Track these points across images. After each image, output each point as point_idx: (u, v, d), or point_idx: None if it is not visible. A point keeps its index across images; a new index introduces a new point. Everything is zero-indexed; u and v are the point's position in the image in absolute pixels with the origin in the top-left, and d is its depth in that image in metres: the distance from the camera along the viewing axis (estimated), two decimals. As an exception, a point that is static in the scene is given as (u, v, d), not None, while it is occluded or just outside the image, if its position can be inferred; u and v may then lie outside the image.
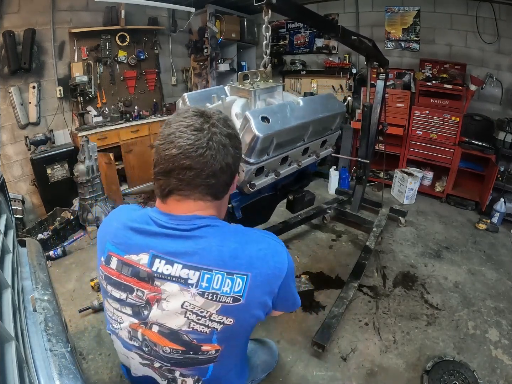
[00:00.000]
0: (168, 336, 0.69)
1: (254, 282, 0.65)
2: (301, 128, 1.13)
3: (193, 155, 0.61)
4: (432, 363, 1.60)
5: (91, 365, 1.65)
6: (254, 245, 0.69)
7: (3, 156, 2.91)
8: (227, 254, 0.65)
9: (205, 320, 0.65)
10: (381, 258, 2.53)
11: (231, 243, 0.66)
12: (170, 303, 0.66)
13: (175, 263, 0.64)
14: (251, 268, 0.65)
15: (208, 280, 0.63)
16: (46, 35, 3.03)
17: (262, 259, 0.67)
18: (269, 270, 0.67)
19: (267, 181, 1.15)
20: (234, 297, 0.64)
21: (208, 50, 4.17)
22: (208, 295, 0.64)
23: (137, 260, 0.67)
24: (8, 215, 1.17)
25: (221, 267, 0.64)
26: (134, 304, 0.70)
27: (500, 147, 3.01)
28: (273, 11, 1.18)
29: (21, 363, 0.66)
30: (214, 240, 0.66)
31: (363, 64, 3.79)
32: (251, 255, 0.66)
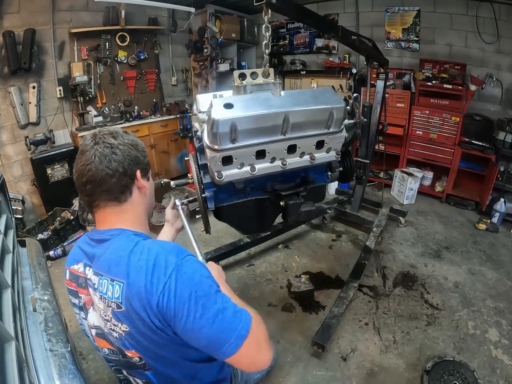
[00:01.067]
0: (103, 337, 0.78)
1: (129, 292, 0.66)
2: (272, 118, 1.04)
3: (85, 172, 0.74)
4: (432, 363, 1.60)
5: (91, 365, 1.65)
6: (138, 255, 0.69)
7: (3, 156, 2.91)
8: (113, 262, 0.71)
9: (110, 323, 0.72)
10: (381, 258, 2.53)
11: (120, 251, 0.71)
12: (95, 305, 0.76)
13: (90, 268, 0.76)
14: (127, 276, 0.67)
15: (101, 285, 0.71)
16: (46, 35, 3.03)
17: (137, 270, 0.67)
18: (141, 283, 0.65)
19: (241, 174, 1.08)
20: (116, 303, 0.68)
21: (208, 50, 4.17)
22: (103, 299, 0.71)
23: (77, 268, 0.80)
24: (8, 215, 1.17)
25: (107, 273, 0.71)
26: (83, 308, 0.82)
27: (500, 147, 3.01)
28: (273, 11, 1.17)
29: (21, 363, 0.66)
30: (108, 247, 0.74)
31: (363, 64, 3.80)
32: (130, 264, 0.68)
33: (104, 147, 0.75)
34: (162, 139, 3.90)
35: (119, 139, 0.78)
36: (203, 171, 1.16)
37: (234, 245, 2.38)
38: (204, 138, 1.03)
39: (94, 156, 0.74)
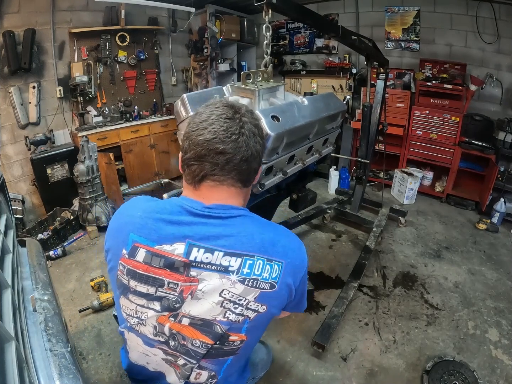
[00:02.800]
0: (199, 328, 0.68)
1: (287, 270, 0.68)
2: (308, 127, 1.15)
3: (226, 140, 0.64)
4: (432, 363, 1.60)
5: (91, 365, 1.65)
6: (286, 237, 0.73)
7: (3, 156, 2.91)
8: (268, 242, 0.68)
9: (241, 309, 0.66)
10: (381, 258, 2.53)
11: (269, 232, 0.70)
12: (206, 293, 0.65)
13: (215, 251, 0.64)
14: (285, 256, 0.68)
15: (250, 266, 0.65)
16: (46, 35, 3.02)
17: (293, 250, 0.71)
18: (297, 261, 0.71)
19: (275, 180, 1.16)
20: (271, 283, 0.67)
21: (208, 50, 4.17)
22: (249, 281, 0.65)
23: (171, 250, 0.65)
24: (8, 215, 1.17)
25: (263, 253, 0.66)
26: (164, 297, 0.68)
27: (500, 147, 3.01)
28: (273, 10, 1.18)
29: (21, 363, 0.66)
30: (254, 228, 0.69)
31: (363, 64, 3.80)
32: (285, 245, 0.70)
33: (253, 125, 0.68)
34: (162, 139, 3.90)
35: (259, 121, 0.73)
36: None
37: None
38: None
39: (243, 129, 0.65)
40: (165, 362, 0.75)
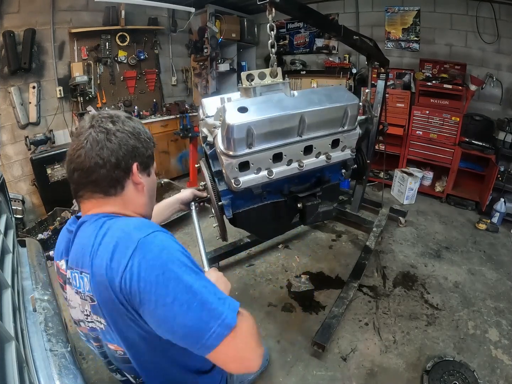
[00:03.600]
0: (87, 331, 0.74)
1: (95, 282, 0.59)
2: (288, 119, 1.02)
3: (73, 157, 0.66)
4: (432, 363, 1.60)
5: (91, 365, 1.65)
6: (100, 238, 0.61)
7: (3, 156, 2.91)
8: (80, 251, 0.64)
9: (89, 318, 0.67)
10: (381, 258, 2.53)
11: (85, 238, 0.64)
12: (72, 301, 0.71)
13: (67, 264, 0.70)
14: (91, 266, 0.59)
15: (74, 278, 0.66)
16: (46, 35, 3.02)
17: (97, 256, 0.59)
18: (101, 270, 0.57)
19: (258, 179, 1.05)
20: (90, 296, 0.62)
21: (208, 50, 4.17)
22: (78, 293, 0.66)
23: (61, 265, 0.73)
24: (8, 215, 1.17)
25: (76, 266, 0.65)
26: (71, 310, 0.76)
27: (500, 147, 3.01)
28: (276, 10, 1.17)
29: (21, 363, 0.66)
30: (78, 237, 0.67)
31: (363, 64, 3.80)
32: (92, 251, 0.60)
33: (99, 131, 0.66)
34: (162, 139, 3.90)
35: (118, 125, 0.69)
36: (218, 178, 1.12)
37: (234, 245, 2.38)
38: (218, 144, 0.99)
39: (86, 141, 0.65)
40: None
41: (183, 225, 2.94)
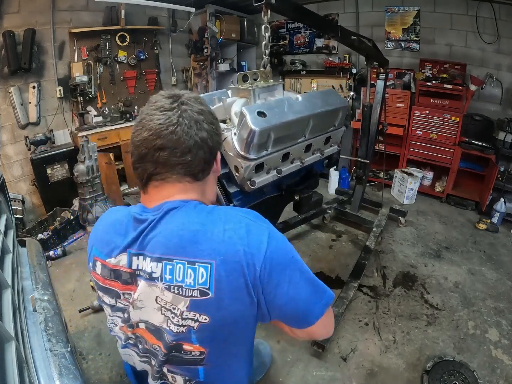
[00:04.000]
0: (153, 333, 0.65)
1: (220, 272, 0.56)
2: (300, 122, 1.11)
3: (164, 133, 0.58)
4: (432, 363, 1.60)
5: (91, 365, 1.65)
6: (220, 225, 0.58)
7: (3, 156, 2.91)
8: (187, 239, 0.57)
9: (178, 319, 0.59)
10: (381, 258, 2.53)
11: (192, 225, 0.58)
12: (143, 301, 0.63)
13: (146, 257, 0.60)
14: (215, 254, 0.56)
15: (170, 272, 0.57)
16: (46, 35, 3.02)
17: (227, 243, 0.57)
18: (236, 257, 0.56)
19: (269, 178, 1.13)
20: (201, 290, 0.56)
21: (208, 50, 4.17)
22: (174, 288, 0.58)
23: (116, 262, 0.64)
24: (8, 215, 1.17)
25: (182, 255, 0.57)
26: (123, 309, 0.68)
27: (500, 147, 3.01)
28: (272, 11, 1.18)
29: (21, 363, 0.66)
30: (175, 224, 0.59)
31: (363, 64, 3.79)
32: (214, 238, 0.57)
33: (193, 110, 0.62)
34: (162, 139, 3.90)
35: (207, 107, 0.65)
36: (225, 180, 1.15)
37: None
38: (234, 147, 1.02)
39: (181, 118, 0.59)
40: (144, 363, 0.74)
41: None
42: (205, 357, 0.63)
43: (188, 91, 0.69)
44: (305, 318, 0.64)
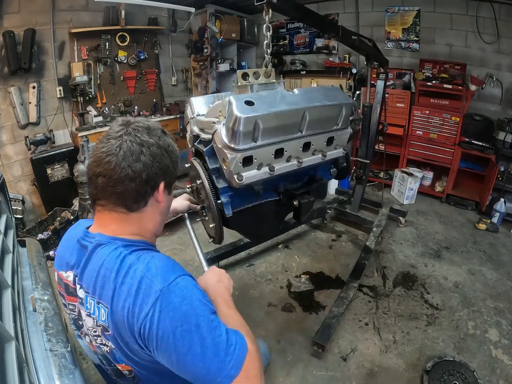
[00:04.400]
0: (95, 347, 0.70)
1: (114, 319, 0.59)
2: (293, 115, 1.04)
3: (102, 162, 0.62)
4: (432, 363, 1.60)
5: (91, 365, 1.63)
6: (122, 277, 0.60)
7: (3, 156, 2.91)
8: (99, 282, 0.61)
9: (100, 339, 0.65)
10: (381, 258, 2.53)
11: (105, 269, 0.61)
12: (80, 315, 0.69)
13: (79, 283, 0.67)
14: (111, 302, 0.59)
15: (88, 303, 0.64)
16: (46, 35, 3.02)
17: (120, 296, 0.58)
18: (123, 311, 0.57)
19: (260, 175, 1.05)
20: (103, 326, 0.61)
21: (208, 50, 4.17)
22: (91, 317, 0.64)
23: (66, 276, 0.71)
24: (8, 215, 1.17)
25: (93, 294, 0.62)
26: (72, 317, 0.74)
27: (500, 147, 3.01)
28: (273, 10, 1.17)
29: (21, 363, 0.66)
30: (96, 263, 0.63)
31: (363, 64, 3.79)
32: (115, 288, 0.59)
33: (134, 142, 0.63)
34: (162, 139, 3.90)
35: (154, 138, 0.66)
36: (215, 176, 1.11)
37: (234, 245, 2.38)
38: (220, 139, 0.98)
39: (119, 148, 0.62)
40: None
41: (182, 225, 2.94)
42: (134, 375, 0.66)
43: (143, 119, 0.70)
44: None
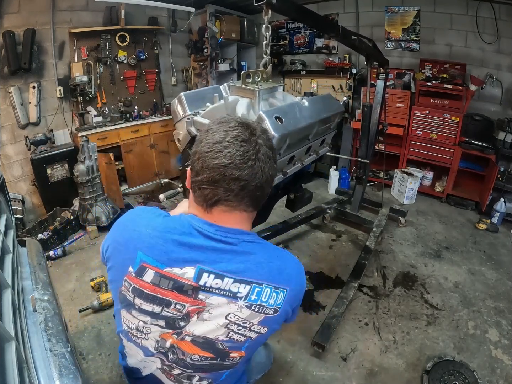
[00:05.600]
0: (201, 345, 0.70)
1: (290, 296, 0.71)
2: (309, 128, 1.16)
3: (243, 166, 0.61)
4: (432, 363, 1.60)
5: (91, 365, 1.65)
6: (291, 263, 0.75)
7: (3, 156, 2.91)
8: (275, 270, 0.70)
9: (244, 330, 0.69)
10: (381, 258, 2.53)
11: (276, 260, 0.71)
12: (212, 315, 0.67)
13: (225, 277, 0.65)
14: (290, 283, 0.71)
15: (258, 293, 0.66)
16: (46, 35, 3.02)
17: (296, 276, 0.74)
18: (298, 286, 0.74)
19: (276, 181, 1.16)
20: (276, 309, 0.70)
21: (208, 50, 4.17)
22: (256, 307, 0.67)
23: (181, 274, 0.65)
24: (8, 215, 1.17)
25: (270, 282, 0.68)
26: (169, 317, 0.69)
27: (500, 147, 3.01)
28: (273, 11, 1.17)
29: (21, 363, 0.66)
30: (263, 256, 0.69)
31: (363, 64, 3.79)
32: (290, 272, 0.73)
33: (267, 147, 0.65)
34: (162, 139, 3.90)
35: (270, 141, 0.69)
36: None
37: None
38: None
39: (259, 153, 0.63)
40: (160, 371, 0.77)
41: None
42: (240, 360, 0.73)
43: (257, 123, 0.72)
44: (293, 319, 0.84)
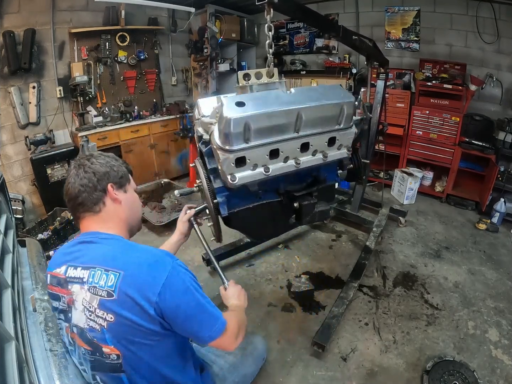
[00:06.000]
0: (80, 335, 0.79)
1: (126, 281, 0.74)
2: (286, 115, 1.01)
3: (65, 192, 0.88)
4: (432, 363, 1.60)
5: (91, 365, 1.65)
6: (135, 253, 0.80)
7: (3, 156, 2.91)
8: (109, 256, 0.78)
9: (93, 315, 0.75)
10: (381, 258, 2.53)
11: (115, 249, 0.81)
12: (78, 302, 0.78)
13: (78, 267, 0.80)
14: (125, 268, 0.75)
15: (92, 276, 0.76)
16: (46, 35, 3.03)
17: (137, 264, 0.77)
18: (141, 275, 0.75)
19: (255, 176, 1.04)
20: (108, 291, 0.74)
21: (208, 50, 4.17)
22: (91, 288, 0.76)
23: (59, 271, 0.83)
24: (8, 215, 1.17)
25: (101, 265, 0.77)
26: (63, 310, 0.82)
27: (500, 147, 3.01)
28: (274, 10, 1.16)
29: (21, 363, 0.66)
30: (104, 246, 0.82)
31: (363, 64, 3.80)
32: (128, 259, 0.78)
33: (77, 168, 0.88)
34: (162, 139, 3.90)
35: (91, 160, 0.89)
36: (213, 176, 1.13)
37: (234, 245, 2.38)
38: (215, 140, 0.99)
39: (70, 177, 0.87)
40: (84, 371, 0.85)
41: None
42: (121, 361, 0.76)
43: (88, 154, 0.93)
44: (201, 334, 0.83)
